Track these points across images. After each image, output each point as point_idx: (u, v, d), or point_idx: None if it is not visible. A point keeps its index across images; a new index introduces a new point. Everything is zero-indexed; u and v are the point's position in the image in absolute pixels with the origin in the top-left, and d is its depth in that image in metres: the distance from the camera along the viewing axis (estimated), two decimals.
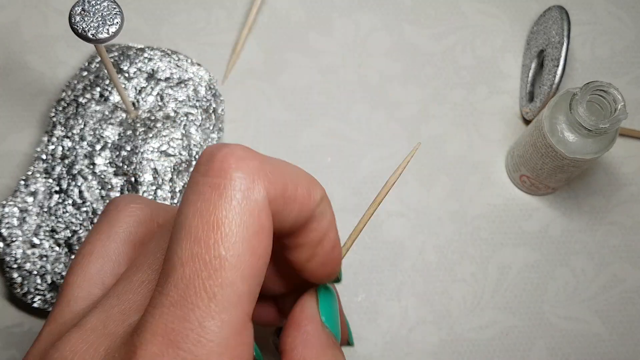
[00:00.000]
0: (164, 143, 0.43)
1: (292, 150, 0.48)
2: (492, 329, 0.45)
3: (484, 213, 0.47)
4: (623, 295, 0.46)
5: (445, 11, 0.52)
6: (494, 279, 0.46)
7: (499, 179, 0.48)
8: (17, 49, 0.50)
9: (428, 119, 0.49)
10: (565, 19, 0.46)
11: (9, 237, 0.42)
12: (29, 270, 0.42)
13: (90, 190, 0.42)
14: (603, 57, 0.51)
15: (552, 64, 0.46)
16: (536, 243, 0.47)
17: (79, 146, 0.43)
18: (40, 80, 0.49)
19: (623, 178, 0.48)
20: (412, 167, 0.48)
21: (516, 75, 0.50)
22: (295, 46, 0.50)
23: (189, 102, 0.45)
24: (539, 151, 0.43)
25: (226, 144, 0.21)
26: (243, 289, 0.20)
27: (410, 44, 0.51)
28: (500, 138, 0.49)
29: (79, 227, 0.42)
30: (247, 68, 0.50)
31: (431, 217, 0.47)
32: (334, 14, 0.51)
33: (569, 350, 0.45)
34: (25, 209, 0.43)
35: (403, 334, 0.45)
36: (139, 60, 0.45)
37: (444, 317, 0.45)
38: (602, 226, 0.47)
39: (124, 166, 0.43)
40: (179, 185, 0.43)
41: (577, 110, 0.39)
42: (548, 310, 0.46)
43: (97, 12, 0.33)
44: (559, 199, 0.48)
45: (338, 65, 0.50)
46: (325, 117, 0.49)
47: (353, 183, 0.48)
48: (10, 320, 0.44)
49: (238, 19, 0.51)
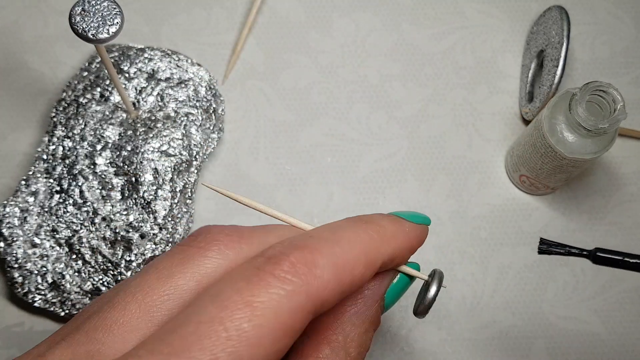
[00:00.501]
0: (165, 143, 0.43)
1: (292, 150, 0.48)
2: (491, 329, 0.45)
3: (484, 213, 0.47)
4: (622, 295, 0.46)
5: (445, 11, 0.52)
6: (494, 279, 0.46)
7: (499, 179, 0.48)
8: (17, 50, 0.50)
9: (428, 119, 0.49)
10: (565, 19, 0.47)
11: (9, 236, 0.42)
12: (29, 270, 0.42)
13: (91, 190, 0.42)
14: (603, 57, 0.51)
15: (551, 64, 0.46)
16: (536, 243, 0.47)
17: (80, 146, 0.43)
18: (41, 80, 0.49)
19: (622, 178, 0.48)
20: (412, 167, 0.48)
21: (516, 76, 0.50)
22: (295, 46, 0.51)
23: (189, 102, 0.45)
24: (538, 151, 0.43)
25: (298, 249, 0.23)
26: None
27: (410, 44, 0.51)
28: (499, 138, 0.49)
29: (80, 227, 0.42)
30: (247, 68, 0.50)
31: (431, 216, 0.47)
32: (334, 14, 0.51)
33: (568, 350, 0.45)
34: (26, 209, 0.43)
35: (403, 333, 0.45)
36: (139, 61, 0.46)
37: (444, 317, 0.45)
38: (602, 226, 0.47)
39: (125, 166, 0.43)
40: (179, 185, 0.44)
41: (577, 110, 0.39)
42: (547, 310, 0.46)
43: (97, 12, 0.33)
44: (559, 199, 0.48)
45: (338, 65, 0.50)
46: (325, 117, 0.49)
47: (353, 183, 0.48)
48: (11, 319, 0.44)
49: (238, 19, 0.51)
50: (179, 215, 0.43)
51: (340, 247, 0.24)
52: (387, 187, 0.48)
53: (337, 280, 0.24)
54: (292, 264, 0.23)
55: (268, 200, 0.47)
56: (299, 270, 0.23)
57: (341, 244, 0.24)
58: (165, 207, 0.43)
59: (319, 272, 0.23)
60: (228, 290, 0.22)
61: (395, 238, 0.27)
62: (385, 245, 0.27)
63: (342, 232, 0.25)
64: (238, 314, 0.21)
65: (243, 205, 0.29)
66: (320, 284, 0.23)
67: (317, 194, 0.47)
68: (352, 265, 0.24)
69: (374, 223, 0.27)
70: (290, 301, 0.22)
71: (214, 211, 0.47)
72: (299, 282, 0.22)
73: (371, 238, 0.26)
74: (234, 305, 0.21)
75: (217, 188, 0.29)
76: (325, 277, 0.23)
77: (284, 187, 0.48)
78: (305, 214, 0.47)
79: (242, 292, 0.22)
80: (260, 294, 0.22)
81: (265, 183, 0.48)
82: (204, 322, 0.21)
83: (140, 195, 0.42)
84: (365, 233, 0.26)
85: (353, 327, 0.28)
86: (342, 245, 0.24)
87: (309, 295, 0.23)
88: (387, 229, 0.27)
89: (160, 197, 0.43)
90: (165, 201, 0.43)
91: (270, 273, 0.22)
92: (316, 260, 0.23)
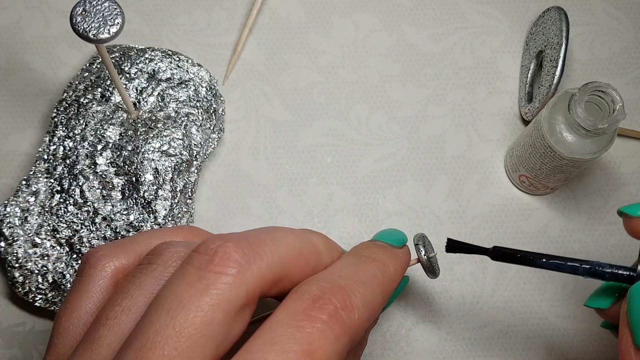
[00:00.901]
0: (165, 143, 0.44)
1: (292, 150, 0.48)
2: (491, 328, 0.45)
3: (483, 213, 0.48)
4: None
5: (444, 12, 0.52)
6: (493, 279, 0.46)
7: (498, 179, 0.48)
8: (19, 50, 0.50)
9: (427, 119, 0.49)
10: (564, 20, 0.47)
11: (10, 236, 0.42)
12: (30, 270, 0.42)
13: (92, 190, 0.43)
14: (601, 57, 0.51)
15: (550, 64, 0.46)
16: (535, 243, 0.47)
17: (81, 146, 0.43)
18: (42, 80, 0.49)
19: (622, 178, 0.49)
20: (412, 167, 0.48)
21: (515, 76, 0.51)
22: (295, 47, 0.51)
23: (189, 102, 0.45)
24: (537, 151, 0.43)
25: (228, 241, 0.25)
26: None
27: (410, 44, 0.51)
28: (499, 138, 0.49)
29: (80, 227, 0.42)
30: (247, 69, 0.50)
31: (430, 216, 0.47)
32: (334, 15, 0.51)
33: (567, 349, 0.45)
34: (27, 209, 0.43)
35: (402, 333, 0.45)
36: (140, 61, 0.46)
37: (444, 316, 0.45)
38: (601, 226, 0.48)
39: (125, 166, 0.43)
40: (179, 185, 0.44)
41: (576, 110, 0.39)
42: (547, 310, 0.46)
43: (98, 12, 0.33)
44: (558, 199, 0.48)
45: (338, 66, 0.50)
46: (325, 117, 0.49)
47: (353, 183, 0.48)
48: (12, 319, 0.45)
49: (238, 20, 0.51)
50: (179, 215, 0.44)
51: (366, 288, 0.27)
52: (386, 187, 0.48)
53: (367, 319, 0.26)
54: (336, 309, 0.24)
55: (268, 200, 0.47)
56: (343, 315, 0.24)
57: (366, 285, 0.27)
58: (165, 207, 0.43)
59: (357, 316, 0.25)
60: (283, 337, 0.23)
61: (397, 272, 0.31)
62: (392, 281, 0.30)
63: (364, 272, 0.28)
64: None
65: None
66: (359, 325, 0.25)
67: (317, 194, 0.48)
68: (376, 305, 0.27)
69: (379, 262, 0.30)
70: (338, 344, 0.24)
71: (214, 211, 0.47)
72: (344, 327, 0.24)
73: (383, 277, 0.29)
74: (295, 354, 0.23)
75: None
76: (361, 319, 0.25)
77: (284, 187, 0.48)
78: (306, 214, 0.47)
79: (299, 340, 0.23)
80: (315, 342, 0.23)
81: (265, 183, 0.48)
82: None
83: (141, 195, 0.42)
84: (380, 273, 0.29)
85: None
86: (367, 287, 0.27)
87: (351, 336, 0.25)
88: (390, 266, 0.30)
89: (161, 197, 0.43)
90: (165, 201, 0.43)
91: (319, 319, 0.24)
92: (353, 302, 0.25)
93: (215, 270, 0.24)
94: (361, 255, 0.30)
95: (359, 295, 0.25)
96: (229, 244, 0.24)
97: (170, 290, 0.24)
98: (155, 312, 0.23)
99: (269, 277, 0.25)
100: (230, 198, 0.47)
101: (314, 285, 0.25)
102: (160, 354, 0.22)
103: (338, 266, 0.28)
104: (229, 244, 0.24)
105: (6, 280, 0.45)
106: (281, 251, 0.26)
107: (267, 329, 0.23)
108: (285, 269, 0.26)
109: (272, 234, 0.27)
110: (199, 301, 0.23)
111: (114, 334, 0.25)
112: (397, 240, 0.33)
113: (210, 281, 0.24)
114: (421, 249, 0.35)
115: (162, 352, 0.22)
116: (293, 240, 0.27)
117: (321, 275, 0.27)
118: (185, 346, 0.23)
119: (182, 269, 0.24)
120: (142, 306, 0.26)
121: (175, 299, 0.23)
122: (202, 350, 0.23)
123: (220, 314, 0.23)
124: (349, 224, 0.47)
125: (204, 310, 0.23)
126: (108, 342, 0.25)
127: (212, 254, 0.24)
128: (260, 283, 0.25)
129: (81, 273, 0.29)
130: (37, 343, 0.44)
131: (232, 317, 0.24)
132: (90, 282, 0.28)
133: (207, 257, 0.24)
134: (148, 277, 0.26)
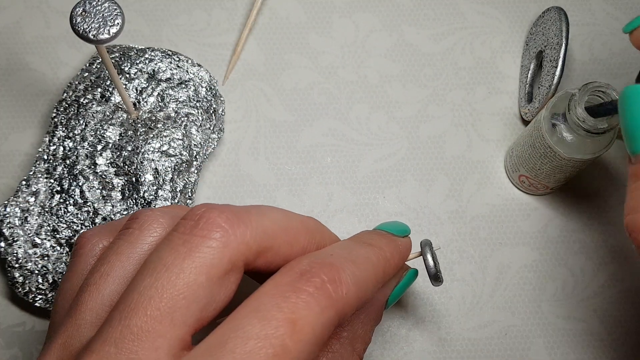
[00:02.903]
0: (165, 143, 0.44)
1: (292, 150, 0.48)
2: (491, 328, 0.45)
3: (483, 213, 0.48)
4: (621, 295, 0.46)
5: (444, 12, 0.52)
6: (493, 279, 0.46)
7: (498, 179, 0.48)
8: (18, 50, 0.50)
9: (427, 119, 0.49)
10: (564, 20, 0.47)
11: (10, 236, 0.42)
12: (30, 270, 0.42)
13: (92, 190, 0.43)
14: (601, 58, 0.51)
15: (550, 64, 0.46)
16: (535, 243, 0.47)
17: (81, 146, 0.43)
18: (42, 81, 0.49)
19: (621, 178, 0.49)
20: (412, 167, 0.48)
21: (515, 76, 0.51)
22: (295, 47, 0.51)
23: (189, 102, 0.45)
24: (537, 151, 0.43)
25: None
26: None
27: (410, 44, 0.51)
28: (499, 138, 0.49)
29: (81, 227, 0.42)
30: (247, 69, 0.50)
31: (430, 216, 0.47)
32: (334, 15, 0.51)
33: (567, 349, 0.45)
34: (26, 209, 0.43)
35: (402, 333, 0.45)
36: (139, 61, 0.46)
37: (443, 317, 0.45)
38: (601, 226, 0.48)
39: (125, 166, 0.43)
40: (179, 185, 0.44)
41: (576, 110, 0.39)
42: (547, 310, 0.46)
43: (98, 13, 0.33)
44: (558, 199, 0.48)
45: (338, 66, 0.50)
46: (325, 117, 0.49)
47: (353, 183, 0.48)
48: (12, 319, 0.45)
49: (238, 20, 0.51)
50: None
51: (357, 267, 0.27)
52: (386, 187, 0.48)
53: (357, 297, 0.26)
54: (323, 282, 0.24)
55: (268, 200, 0.47)
56: (329, 289, 0.25)
57: (358, 264, 0.27)
58: None
59: (345, 291, 0.25)
60: (268, 305, 0.23)
61: (393, 257, 0.31)
62: (387, 265, 0.30)
63: (357, 253, 0.28)
64: (281, 330, 0.23)
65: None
66: (346, 302, 0.25)
67: (317, 194, 0.48)
68: (367, 285, 0.27)
69: (376, 246, 0.30)
70: (323, 317, 0.24)
71: None
72: (330, 300, 0.24)
73: (378, 260, 0.29)
74: (277, 322, 0.23)
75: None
76: (349, 295, 0.25)
77: (284, 187, 0.48)
78: (306, 214, 0.47)
79: (282, 308, 0.23)
80: (298, 311, 0.23)
81: (265, 183, 0.48)
82: (252, 339, 0.22)
83: (141, 196, 0.43)
84: (374, 255, 0.29)
85: (360, 326, 0.31)
86: (359, 265, 0.27)
87: (337, 311, 0.25)
88: (387, 251, 0.30)
89: (161, 197, 0.43)
90: (165, 201, 0.43)
91: (305, 290, 0.24)
92: (342, 278, 0.25)
93: (199, 234, 0.24)
94: (358, 239, 0.31)
95: (348, 272, 0.26)
96: (214, 210, 0.25)
97: (157, 255, 0.25)
98: (141, 275, 0.24)
99: (253, 246, 0.25)
100: (230, 198, 0.47)
101: (304, 260, 0.26)
102: (143, 313, 0.23)
103: (332, 247, 0.29)
104: (214, 210, 0.25)
105: (6, 280, 0.45)
106: (266, 222, 0.26)
107: (254, 298, 0.24)
108: (270, 240, 0.26)
109: (259, 207, 0.27)
110: (182, 263, 0.24)
111: (94, 299, 0.26)
112: (399, 230, 0.33)
113: (193, 244, 0.24)
114: (427, 252, 0.35)
115: (145, 312, 0.23)
116: (280, 215, 0.28)
117: (313, 253, 0.27)
118: (168, 307, 0.23)
119: (169, 235, 0.25)
120: (120, 270, 0.27)
121: (160, 262, 0.24)
122: (184, 311, 0.23)
123: (202, 276, 0.24)
124: (349, 224, 0.47)
125: (186, 273, 0.24)
126: (90, 307, 0.26)
127: (197, 219, 0.25)
128: (245, 250, 0.25)
129: (73, 255, 0.30)
130: (37, 343, 0.44)
131: (215, 282, 0.24)
132: (81, 262, 0.29)
133: (192, 222, 0.25)
134: (124, 241, 0.27)
